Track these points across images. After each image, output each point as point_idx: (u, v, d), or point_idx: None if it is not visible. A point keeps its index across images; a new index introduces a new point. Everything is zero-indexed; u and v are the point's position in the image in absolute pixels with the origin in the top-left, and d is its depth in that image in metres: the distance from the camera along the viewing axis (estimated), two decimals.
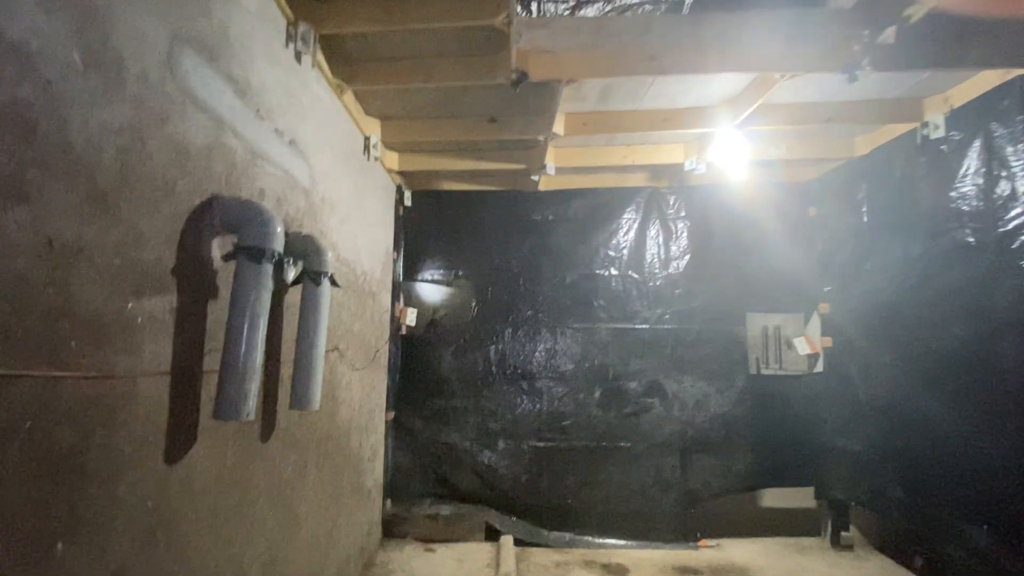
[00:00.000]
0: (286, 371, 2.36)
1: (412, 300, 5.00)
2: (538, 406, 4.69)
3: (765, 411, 4.62)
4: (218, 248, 1.81)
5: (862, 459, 4.26)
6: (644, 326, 4.73)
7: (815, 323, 4.74)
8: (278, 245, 1.80)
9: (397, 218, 4.86)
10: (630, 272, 4.81)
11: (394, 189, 4.81)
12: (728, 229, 4.79)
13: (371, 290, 3.93)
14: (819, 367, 4.68)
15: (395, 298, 4.72)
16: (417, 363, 4.82)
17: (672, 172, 4.68)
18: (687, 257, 4.79)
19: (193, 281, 1.70)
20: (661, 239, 4.84)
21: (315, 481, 2.78)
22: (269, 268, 1.76)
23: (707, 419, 4.62)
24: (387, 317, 4.51)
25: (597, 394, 4.68)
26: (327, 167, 2.92)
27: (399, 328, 4.80)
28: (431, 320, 5.43)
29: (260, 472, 2.17)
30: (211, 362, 1.76)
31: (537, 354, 4.76)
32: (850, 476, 4.38)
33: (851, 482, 4.38)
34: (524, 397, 4.71)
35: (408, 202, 4.98)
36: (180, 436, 1.66)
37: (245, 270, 1.72)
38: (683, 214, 4.85)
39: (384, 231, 4.46)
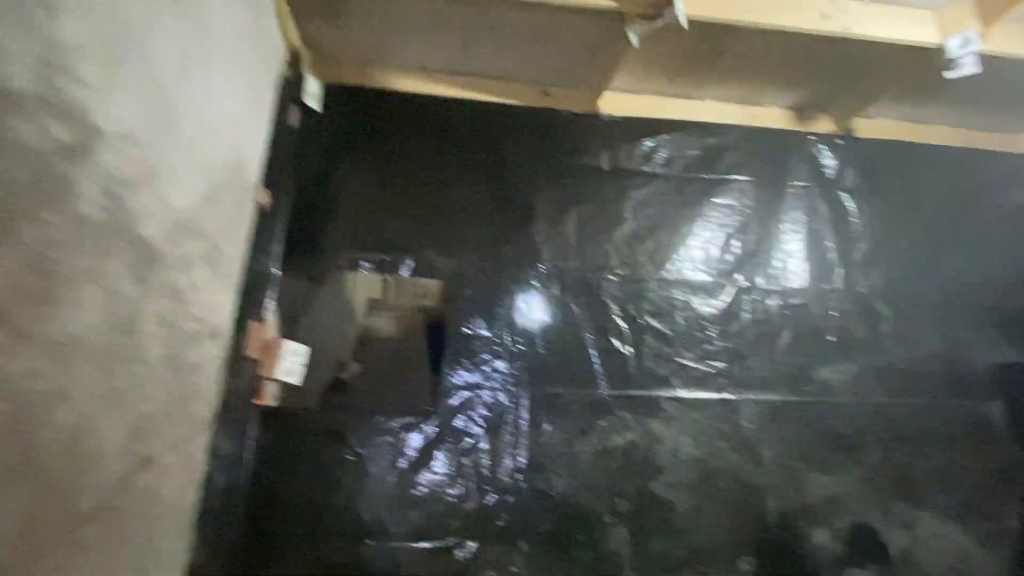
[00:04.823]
0: None
1: (299, 322, 2.10)
2: None
3: None
4: None
5: None
6: (828, 399, 2.20)
7: None
8: None
9: (281, 123, 2.02)
10: (775, 285, 2.34)
11: (281, 54, 2.03)
12: (935, 219, 2.55)
13: (124, 218, 1.02)
14: None
15: (249, 307, 1.76)
16: (295, 486, 1.82)
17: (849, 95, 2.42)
18: (886, 263, 2.44)
19: None
20: (830, 229, 2.47)
21: None
22: None
23: None
24: (211, 351, 1.53)
25: (746, 564, 1.96)
26: None
27: (253, 388, 1.81)
28: (342, 375, 2.53)
29: None
30: None
31: (602, 463, 1.98)
32: None
33: None
34: (582, 573, 1.85)
35: (316, 102, 2.20)
36: None
37: None
38: (858, 184, 2.55)
39: (242, 118, 1.62)
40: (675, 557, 1.90)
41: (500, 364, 2.04)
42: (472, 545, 1.82)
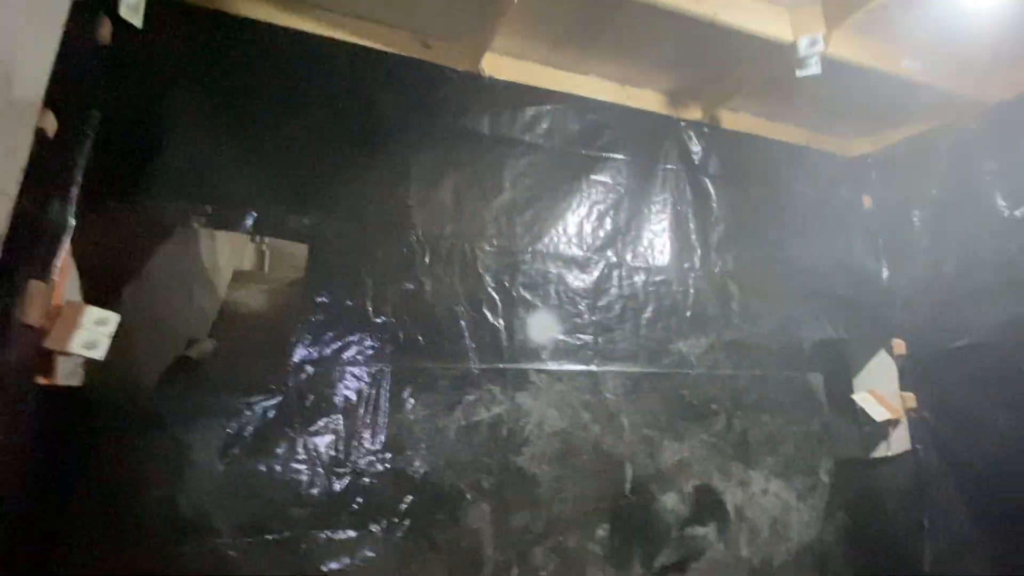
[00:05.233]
0: None
1: (122, 288, 1.74)
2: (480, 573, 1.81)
3: (864, 529, 2.58)
4: None
5: None
6: (683, 371, 2.34)
7: (886, 369, 2.99)
8: None
9: (79, 35, 1.60)
10: (642, 262, 2.43)
11: None
12: (779, 210, 2.82)
13: None
14: (900, 442, 2.90)
15: (25, 261, 1.39)
16: (96, 482, 1.50)
17: (728, 80, 2.56)
18: (737, 246, 2.64)
19: None
20: (692, 211, 2.61)
21: None
22: None
23: (790, 556, 2.36)
24: None
25: (602, 530, 2.03)
26: None
27: (34, 364, 1.45)
28: (190, 353, 2.19)
29: None
30: None
31: (467, 439, 1.91)
32: None
33: None
34: (439, 551, 1.78)
35: (135, 17, 1.78)
36: None
37: None
38: (719, 171, 2.72)
39: (7, 14, 1.23)
40: (536, 530, 1.91)
41: (361, 337, 1.87)
42: (320, 535, 1.65)
